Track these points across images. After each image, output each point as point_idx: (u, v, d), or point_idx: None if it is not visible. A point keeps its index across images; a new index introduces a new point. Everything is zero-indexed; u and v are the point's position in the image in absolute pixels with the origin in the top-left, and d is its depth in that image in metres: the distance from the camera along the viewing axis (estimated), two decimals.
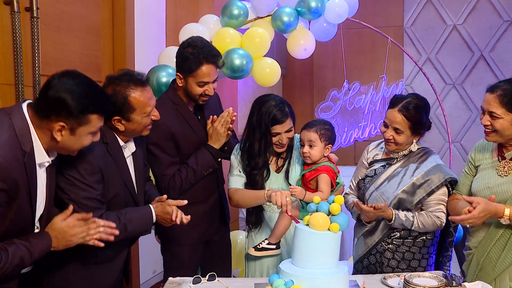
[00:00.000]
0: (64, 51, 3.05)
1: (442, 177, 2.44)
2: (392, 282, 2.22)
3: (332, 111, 5.70)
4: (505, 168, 2.22)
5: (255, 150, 2.52)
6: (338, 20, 3.90)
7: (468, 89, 6.45)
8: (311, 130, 2.51)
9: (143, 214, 2.24)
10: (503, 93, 2.16)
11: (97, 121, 1.89)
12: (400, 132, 2.45)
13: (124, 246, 2.34)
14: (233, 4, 3.61)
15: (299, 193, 2.45)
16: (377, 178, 2.56)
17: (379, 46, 6.25)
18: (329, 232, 2.00)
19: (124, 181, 2.24)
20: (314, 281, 1.93)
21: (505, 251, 2.16)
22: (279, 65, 3.72)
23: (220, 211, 2.80)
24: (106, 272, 2.27)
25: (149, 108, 2.20)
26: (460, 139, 6.49)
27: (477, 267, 2.26)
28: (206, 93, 2.56)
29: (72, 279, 2.18)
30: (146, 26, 4.13)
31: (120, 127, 2.19)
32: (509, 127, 2.17)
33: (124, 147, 2.26)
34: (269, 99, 2.51)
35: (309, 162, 2.54)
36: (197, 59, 2.49)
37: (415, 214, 2.43)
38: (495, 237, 2.19)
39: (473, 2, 6.34)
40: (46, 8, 2.84)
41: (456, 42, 6.47)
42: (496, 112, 2.16)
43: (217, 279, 2.28)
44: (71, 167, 2.05)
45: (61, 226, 1.89)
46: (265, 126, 2.47)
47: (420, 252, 2.51)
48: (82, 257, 2.17)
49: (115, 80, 2.19)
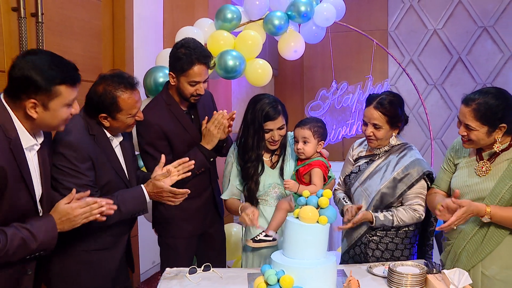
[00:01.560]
0: (67, 53, 2.99)
1: (420, 170, 2.44)
2: (377, 271, 2.22)
3: (321, 109, 5.70)
4: (483, 168, 2.20)
5: (248, 144, 2.53)
6: (326, 24, 3.89)
7: (448, 89, 6.48)
8: (305, 127, 2.52)
9: (135, 194, 2.23)
10: (477, 107, 2.12)
11: (68, 92, 1.81)
12: (379, 127, 2.46)
13: (123, 232, 2.33)
14: (227, 8, 3.59)
15: (292, 186, 2.46)
16: (361, 174, 2.57)
17: (365, 48, 6.26)
18: (318, 224, 2.00)
19: (115, 169, 2.24)
20: (303, 271, 1.92)
21: (483, 245, 2.16)
22: (270, 66, 3.71)
23: (214, 205, 2.79)
24: (107, 258, 2.26)
25: (135, 110, 2.21)
26: (441, 136, 6.52)
27: (454, 258, 2.27)
28: (197, 92, 2.55)
29: (74, 265, 2.17)
30: (144, 29, 4.11)
31: (105, 123, 2.20)
32: (484, 137, 2.15)
33: (112, 138, 2.26)
34: (263, 98, 2.52)
35: (302, 158, 2.55)
36: (189, 59, 2.48)
37: (393, 212, 2.43)
38: (472, 231, 2.19)
39: (451, 8, 6.38)
40: (50, 13, 2.84)
41: (437, 45, 6.50)
42: (471, 125, 2.15)
43: (212, 269, 2.27)
44: (62, 157, 2.05)
45: (64, 208, 1.86)
46: (258, 123, 2.48)
47: (402, 242, 2.50)
48: (83, 244, 2.17)
49: (107, 80, 2.18)
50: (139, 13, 3.99)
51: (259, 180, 2.57)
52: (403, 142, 2.57)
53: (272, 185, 2.60)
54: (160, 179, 2.25)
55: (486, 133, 2.14)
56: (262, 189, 2.58)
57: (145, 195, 2.24)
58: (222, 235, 2.90)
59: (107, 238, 2.24)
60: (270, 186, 2.59)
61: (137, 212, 2.27)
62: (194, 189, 2.33)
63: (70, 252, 2.17)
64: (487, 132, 2.14)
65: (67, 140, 2.08)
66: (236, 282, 2.15)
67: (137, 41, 3.96)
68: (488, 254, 2.15)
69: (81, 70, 3.12)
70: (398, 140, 2.56)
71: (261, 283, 1.89)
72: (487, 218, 2.08)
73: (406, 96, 6.48)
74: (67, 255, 2.16)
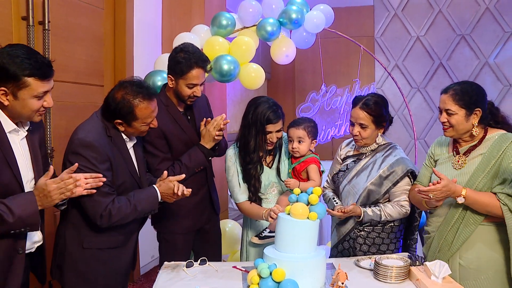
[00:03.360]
0: (71, 58, 3.03)
1: (404, 168, 2.44)
2: (364, 264, 2.22)
3: (311, 111, 5.71)
4: (459, 162, 2.26)
5: (250, 146, 2.51)
6: (316, 30, 3.88)
7: (430, 92, 6.51)
8: (299, 127, 2.52)
9: (149, 194, 2.21)
10: (454, 92, 2.22)
11: (37, 85, 1.78)
12: (365, 126, 2.46)
13: (134, 230, 2.31)
14: (222, 15, 3.58)
15: (293, 184, 2.45)
16: (349, 172, 2.56)
17: (353, 53, 6.27)
18: (308, 220, 1.99)
19: (129, 171, 2.21)
20: (294, 264, 1.91)
21: (457, 234, 2.21)
22: (263, 70, 3.70)
23: (210, 203, 2.77)
24: (120, 255, 2.24)
25: (150, 119, 2.18)
26: (424, 136, 6.55)
27: (436, 249, 2.29)
28: (194, 95, 2.53)
29: (88, 264, 2.15)
30: (144, 35, 4.09)
31: (120, 128, 2.17)
32: (463, 121, 2.21)
33: (127, 140, 2.23)
34: (264, 101, 2.51)
35: (297, 156, 2.54)
36: (189, 63, 2.46)
37: (381, 207, 2.43)
38: (450, 222, 2.23)
39: (432, 17, 6.42)
40: (56, 21, 2.85)
41: (419, 51, 6.53)
42: (451, 109, 2.21)
43: (208, 263, 2.25)
44: (81, 158, 2.02)
45: (40, 184, 1.83)
46: (260, 125, 2.47)
47: (388, 237, 2.50)
48: (98, 242, 2.15)
49: (126, 88, 2.13)
50: (139, 19, 3.97)
51: (260, 179, 2.57)
52: (388, 142, 2.57)
53: (271, 184, 2.60)
54: (172, 180, 2.23)
55: (464, 117, 2.20)
56: (263, 188, 2.58)
57: (158, 195, 2.22)
58: (218, 230, 2.88)
59: (119, 236, 2.21)
60: (269, 185, 2.59)
61: (149, 212, 2.24)
62: (192, 186, 2.31)
63: (84, 250, 2.14)
64: (465, 115, 2.20)
65: (87, 140, 2.05)
66: (231, 275, 2.13)
67: (137, 46, 3.94)
68: (464, 242, 2.19)
69: (83, 73, 3.14)
70: (383, 140, 2.56)
71: (255, 276, 1.88)
72: (462, 198, 2.12)
73: (391, 98, 6.52)
74: (82, 253, 2.14)
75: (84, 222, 2.13)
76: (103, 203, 2.05)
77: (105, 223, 2.07)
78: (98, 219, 2.06)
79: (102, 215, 2.06)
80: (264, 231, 2.53)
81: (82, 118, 2.23)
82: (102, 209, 2.05)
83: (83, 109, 3.03)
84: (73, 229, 2.15)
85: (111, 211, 2.06)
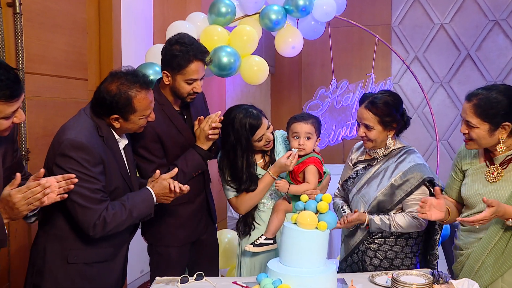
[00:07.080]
0: (49, 48, 3.01)
1: (420, 177, 2.42)
2: (380, 280, 2.23)
3: (320, 109, 5.72)
4: (494, 174, 2.16)
5: (239, 167, 2.57)
6: (326, 18, 3.90)
7: (455, 88, 6.50)
8: (308, 122, 2.55)
9: (144, 197, 2.22)
10: (477, 102, 2.10)
11: (4, 108, 1.73)
12: (370, 128, 2.47)
13: (124, 241, 2.31)
14: (221, 2, 3.60)
15: (282, 186, 2.50)
16: (359, 180, 2.57)
17: (367, 44, 6.28)
18: (316, 231, 2.00)
19: (121, 174, 2.23)
20: (302, 280, 1.92)
21: (502, 260, 2.11)
22: (267, 63, 3.72)
23: (207, 211, 2.79)
24: (109, 270, 2.25)
25: (149, 111, 2.20)
26: (448, 137, 6.54)
27: (471, 271, 2.19)
28: (194, 91, 2.54)
29: (77, 280, 2.14)
30: (133, 23, 4.10)
31: (116, 124, 2.18)
32: (485, 136, 2.11)
33: (119, 140, 2.25)
34: (236, 114, 2.55)
35: (302, 154, 2.56)
36: (186, 56, 2.46)
37: (391, 216, 2.43)
38: (490, 243, 2.13)
39: (460, 1, 6.39)
40: (29, 4, 2.80)
41: (443, 41, 6.51)
42: (471, 122, 2.12)
43: (204, 278, 2.27)
44: (72, 161, 2.01)
45: (4, 195, 1.77)
46: (246, 139, 2.52)
47: (402, 251, 2.50)
48: (85, 256, 2.14)
49: (120, 78, 2.14)
50: (127, 6, 3.97)
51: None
52: (403, 146, 2.56)
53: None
54: (165, 178, 2.25)
55: (487, 132, 2.11)
56: None
57: (153, 197, 2.23)
58: (215, 242, 2.90)
59: (108, 248, 2.21)
60: None
61: (145, 216, 2.25)
62: (188, 194, 2.33)
63: (69, 266, 2.12)
64: (489, 130, 2.10)
65: (79, 141, 2.04)
66: None
67: (125, 36, 3.95)
68: (510, 267, 2.10)
69: (64, 65, 3.15)
70: (398, 143, 2.55)
71: None
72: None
73: (410, 95, 6.52)
74: (66, 269, 2.12)
75: (71, 233, 2.12)
76: (97, 211, 2.04)
77: (99, 232, 2.06)
78: (91, 229, 2.05)
79: (96, 224, 2.04)
80: (259, 238, 2.54)
81: (62, 116, 2.23)
82: (95, 218, 2.04)
83: (63, 106, 3.04)
84: (56, 242, 2.13)
85: (106, 219, 2.05)
